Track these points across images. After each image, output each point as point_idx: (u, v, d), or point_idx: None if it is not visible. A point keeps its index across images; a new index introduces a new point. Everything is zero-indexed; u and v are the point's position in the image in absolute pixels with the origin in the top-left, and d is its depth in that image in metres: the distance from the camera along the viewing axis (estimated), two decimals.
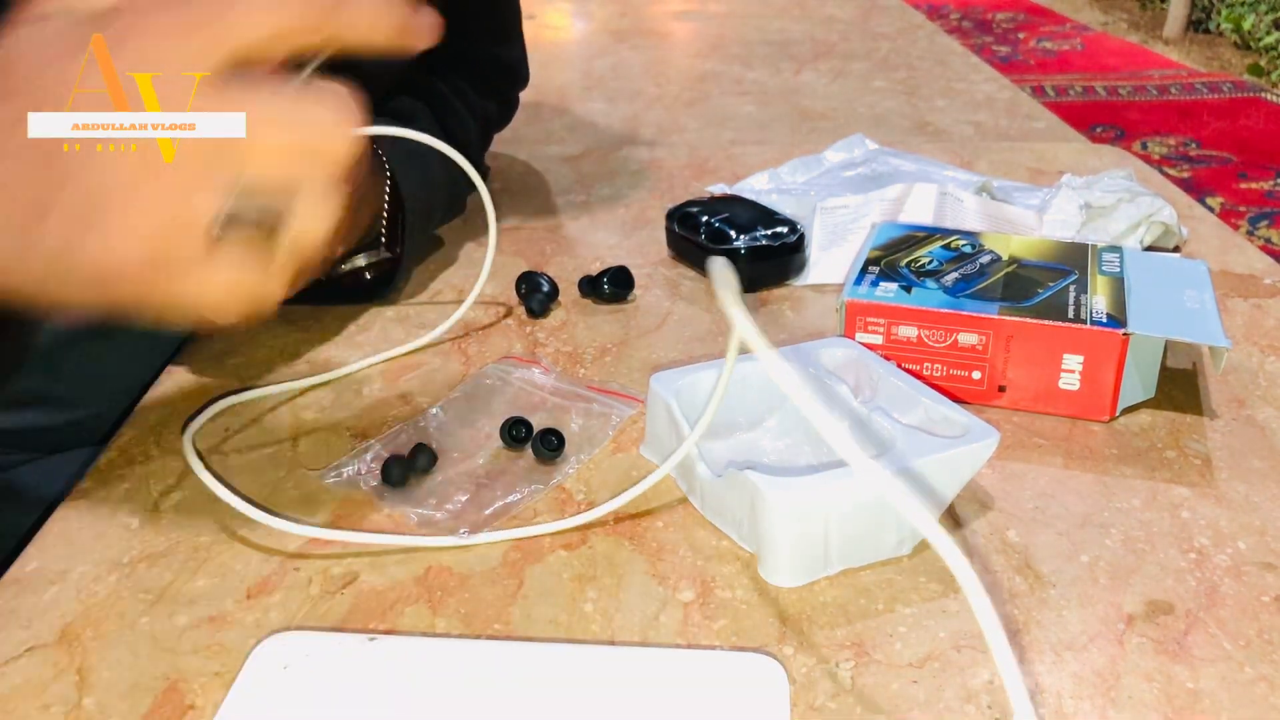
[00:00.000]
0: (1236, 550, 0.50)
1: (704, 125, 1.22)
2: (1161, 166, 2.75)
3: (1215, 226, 0.87)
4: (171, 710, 0.42)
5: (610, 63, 1.50)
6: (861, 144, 1.01)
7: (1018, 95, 1.33)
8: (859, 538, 0.48)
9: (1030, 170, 1.00)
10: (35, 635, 0.46)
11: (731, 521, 0.50)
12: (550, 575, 0.49)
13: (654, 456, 0.57)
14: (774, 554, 0.47)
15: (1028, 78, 3.48)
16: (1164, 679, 0.43)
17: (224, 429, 0.61)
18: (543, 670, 0.42)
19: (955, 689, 0.42)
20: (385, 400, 0.63)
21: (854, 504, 0.47)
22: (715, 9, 1.86)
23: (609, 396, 0.62)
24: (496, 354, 0.68)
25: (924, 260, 0.67)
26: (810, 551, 0.47)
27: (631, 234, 0.87)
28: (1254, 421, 0.60)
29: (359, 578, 0.49)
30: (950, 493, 0.50)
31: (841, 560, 0.48)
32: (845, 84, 1.37)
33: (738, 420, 0.57)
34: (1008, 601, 0.47)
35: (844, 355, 0.58)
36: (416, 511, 0.53)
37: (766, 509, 0.46)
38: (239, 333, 0.71)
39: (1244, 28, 3.95)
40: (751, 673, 0.42)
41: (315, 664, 0.43)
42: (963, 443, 0.49)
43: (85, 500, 0.55)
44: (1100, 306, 0.60)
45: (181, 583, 0.49)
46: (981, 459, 0.50)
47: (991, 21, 4.30)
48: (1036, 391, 0.61)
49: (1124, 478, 0.55)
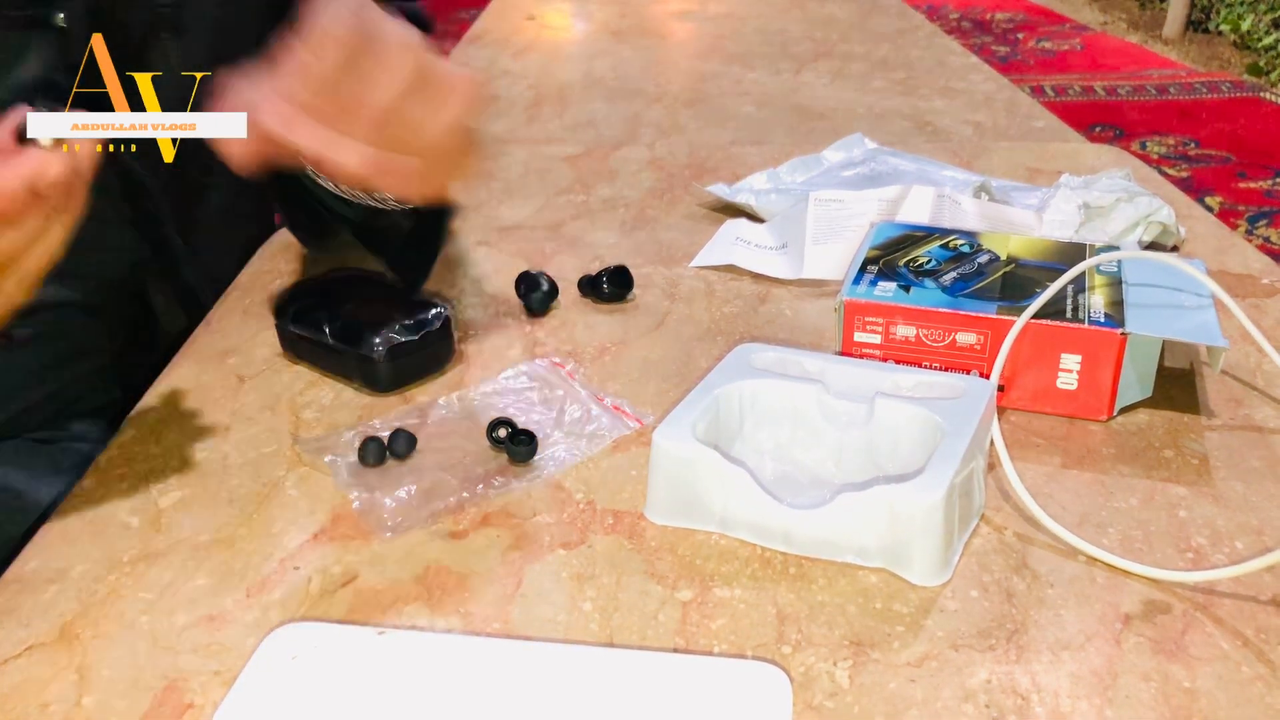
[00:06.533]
0: (1234, 549, 0.50)
1: (704, 125, 1.22)
2: (1160, 166, 2.75)
3: (1213, 226, 0.87)
4: (171, 709, 0.42)
5: (610, 63, 1.50)
6: (861, 144, 1.01)
7: (1017, 95, 1.33)
8: (966, 520, 0.50)
9: (1029, 170, 1.00)
10: (35, 634, 0.46)
11: (849, 547, 0.49)
12: (549, 574, 0.49)
13: (667, 519, 0.53)
14: (924, 554, 0.48)
15: (1027, 78, 3.48)
16: (1161, 678, 0.43)
17: (224, 427, 0.61)
18: (552, 672, 0.42)
19: (953, 688, 0.42)
20: (386, 400, 0.63)
21: (963, 483, 0.49)
22: (715, 9, 1.86)
23: (613, 411, 0.61)
24: (496, 354, 0.68)
25: (922, 260, 0.67)
26: (950, 543, 0.49)
27: (631, 234, 0.87)
28: (1251, 421, 0.60)
29: (358, 577, 0.49)
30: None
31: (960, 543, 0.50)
32: (845, 84, 1.37)
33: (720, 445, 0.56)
34: (1006, 601, 0.47)
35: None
36: (360, 495, 0.54)
37: (911, 512, 0.47)
38: (239, 333, 0.71)
39: (1243, 28, 3.95)
40: (755, 680, 0.42)
41: (324, 655, 0.43)
42: (972, 398, 0.53)
43: (85, 500, 0.55)
44: (1098, 306, 0.60)
45: (181, 582, 0.49)
46: (993, 406, 0.54)
47: (991, 22, 4.30)
48: (1035, 391, 0.61)
49: (1122, 477, 0.55)
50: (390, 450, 0.56)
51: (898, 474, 0.51)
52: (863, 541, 0.48)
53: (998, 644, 0.44)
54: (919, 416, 0.53)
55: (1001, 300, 0.61)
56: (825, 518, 0.49)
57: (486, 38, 1.66)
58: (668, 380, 0.65)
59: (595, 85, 1.39)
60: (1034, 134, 1.19)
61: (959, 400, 0.53)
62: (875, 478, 0.52)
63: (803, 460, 0.56)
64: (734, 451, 0.54)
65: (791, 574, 0.49)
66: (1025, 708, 0.41)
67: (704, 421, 0.53)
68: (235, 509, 0.54)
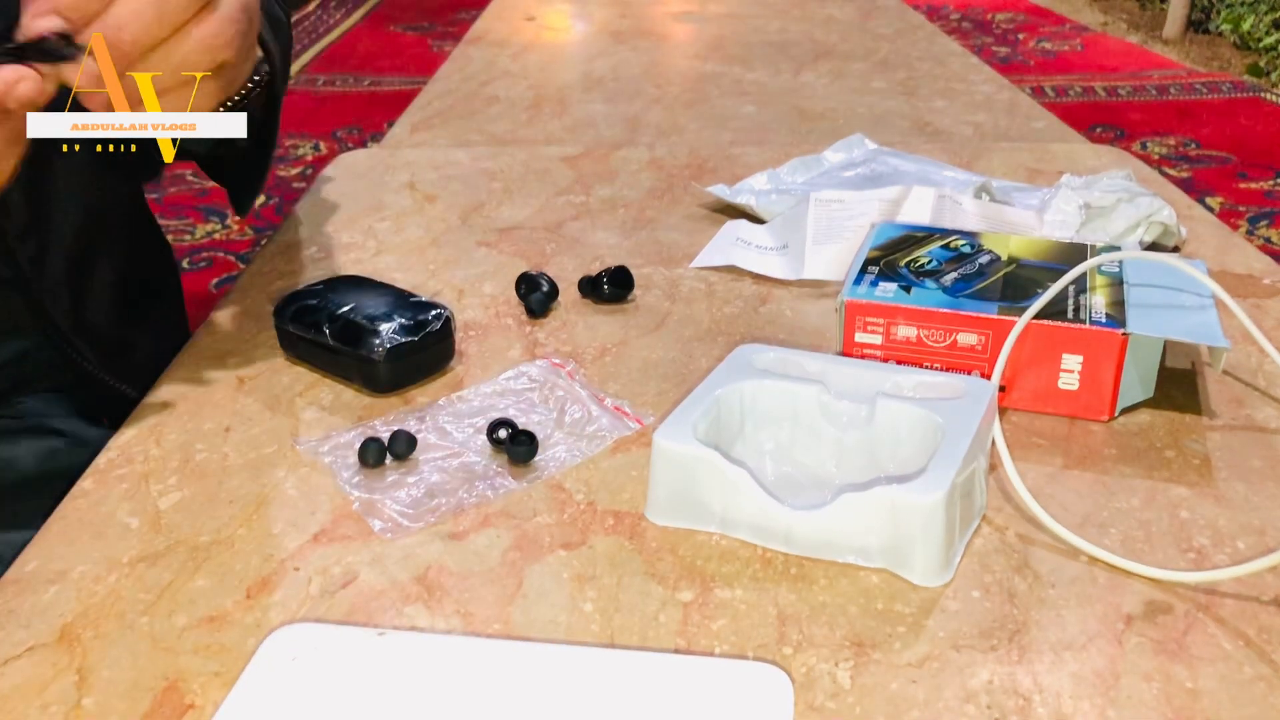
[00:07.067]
0: (1235, 550, 0.50)
1: (704, 126, 1.22)
2: (1161, 167, 2.75)
3: (1214, 226, 0.87)
4: (171, 709, 0.42)
5: (610, 63, 1.50)
6: (861, 144, 1.01)
7: (1017, 96, 1.33)
8: (968, 520, 0.50)
9: (1030, 170, 1.00)
10: (35, 635, 0.46)
11: (850, 547, 0.49)
12: (550, 575, 0.49)
13: (669, 520, 0.53)
14: (926, 554, 0.47)
15: (1027, 78, 3.48)
16: (1163, 679, 0.43)
17: (224, 427, 0.61)
18: (552, 673, 0.42)
19: (955, 689, 0.42)
20: (386, 401, 0.63)
21: (964, 484, 0.49)
22: (715, 10, 1.86)
23: (614, 412, 0.61)
24: (497, 354, 0.68)
25: (923, 260, 0.67)
26: (951, 543, 0.48)
27: (631, 234, 0.87)
28: (1253, 421, 0.60)
29: (358, 577, 0.49)
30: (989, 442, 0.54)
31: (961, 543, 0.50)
32: (845, 85, 1.37)
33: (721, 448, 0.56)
34: (1007, 601, 0.47)
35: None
36: (360, 496, 0.54)
37: (912, 513, 0.47)
38: (239, 334, 0.71)
39: (1243, 28, 3.95)
40: (756, 681, 0.42)
41: (324, 656, 0.43)
42: (973, 398, 0.53)
43: (85, 500, 0.55)
44: (1099, 307, 0.60)
45: (181, 582, 0.49)
46: (994, 407, 0.54)
47: (991, 22, 4.30)
48: (1036, 391, 0.61)
49: (1123, 477, 0.55)
50: (390, 451, 0.56)
51: (899, 474, 0.51)
52: (864, 542, 0.48)
53: (999, 644, 0.44)
54: (920, 417, 0.52)
55: (1002, 301, 0.61)
56: (826, 518, 0.48)
57: (486, 38, 1.66)
58: (668, 381, 0.65)
59: (595, 86, 1.39)
60: (1034, 134, 1.19)
61: (960, 401, 0.53)
62: (876, 478, 0.52)
63: (803, 461, 0.55)
64: (735, 452, 0.54)
65: (792, 574, 0.49)
66: (1027, 708, 0.41)
67: (705, 422, 0.53)
68: (235, 509, 0.54)
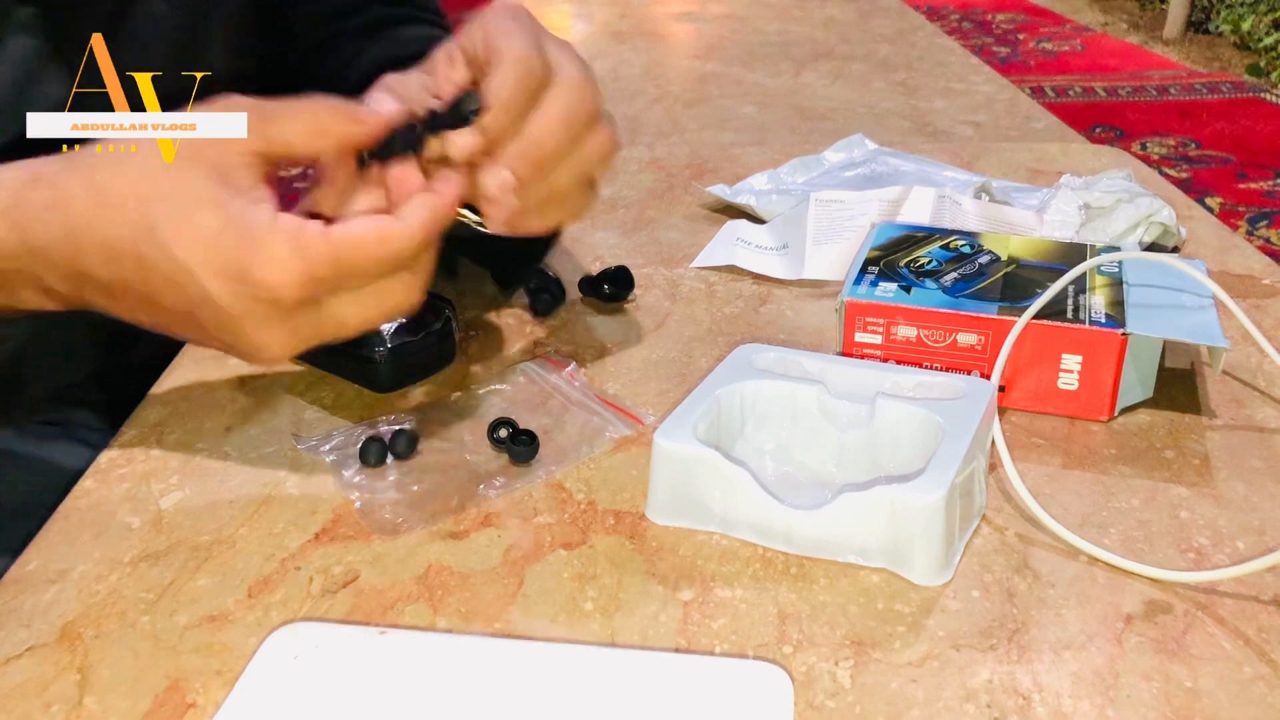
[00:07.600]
0: (1235, 550, 0.50)
1: (704, 126, 1.22)
2: (1161, 167, 2.75)
3: (1214, 227, 0.87)
4: (172, 709, 0.42)
5: (611, 64, 1.50)
6: (861, 144, 1.01)
7: (1017, 96, 1.33)
8: (967, 520, 0.50)
9: (1029, 171, 1.00)
10: (36, 634, 0.46)
11: (850, 547, 0.49)
12: (550, 574, 0.49)
13: (669, 519, 0.52)
14: (926, 554, 0.48)
15: (1027, 78, 3.48)
16: (1163, 678, 0.43)
17: (225, 427, 0.61)
18: (553, 672, 0.42)
19: (954, 688, 0.42)
20: (387, 400, 0.63)
21: (964, 483, 0.49)
22: (715, 11, 1.86)
23: (614, 411, 0.61)
24: (497, 354, 0.68)
25: (923, 260, 0.67)
26: (951, 543, 0.48)
27: (631, 234, 0.87)
28: (1253, 421, 0.60)
29: (359, 576, 0.49)
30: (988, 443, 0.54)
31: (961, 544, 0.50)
32: (845, 85, 1.37)
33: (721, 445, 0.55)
34: (1007, 601, 0.47)
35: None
36: (361, 495, 0.54)
37: (912, 513, 0.47)
38: None
39: (1243, 29, 3.95)
40: (757, 680, 0.42)
41: (325, 655, 0.43)
42: (973, 398, 0.53)
43: (85, 500, 0.55)
44: (1099, 307, 0.60)
45: (182, 582, 0.49)
46: (994, 407, 0.54)
47: (991, 22, 4.30)
48: (1035, 391, 0.61)
49: (1123, 477, 0.55)
50: (391, 450, 0.57)
51: (899, 474, 0.51)
52: (864, 541, 0.48)
53: (999, 644, 0.44)
54: (920, 417, 0.53)
55: (1002, 301, 0.62)
56: (826, 518, 0.48)
57: None
58: (668, 381, 0.65)
59: None
60: (1034, 134, 1.19)
61: (960, 401, 0.53)
62: (876, 478, 0.52)
63: (803, 460, 0.56)
64: (735, 452, 0.54)
65: (793, 574, 0.49)
66: (1027, 707, 0.41)
67: (705, 422, 0.53)
68: (236, 509, 0.54)
